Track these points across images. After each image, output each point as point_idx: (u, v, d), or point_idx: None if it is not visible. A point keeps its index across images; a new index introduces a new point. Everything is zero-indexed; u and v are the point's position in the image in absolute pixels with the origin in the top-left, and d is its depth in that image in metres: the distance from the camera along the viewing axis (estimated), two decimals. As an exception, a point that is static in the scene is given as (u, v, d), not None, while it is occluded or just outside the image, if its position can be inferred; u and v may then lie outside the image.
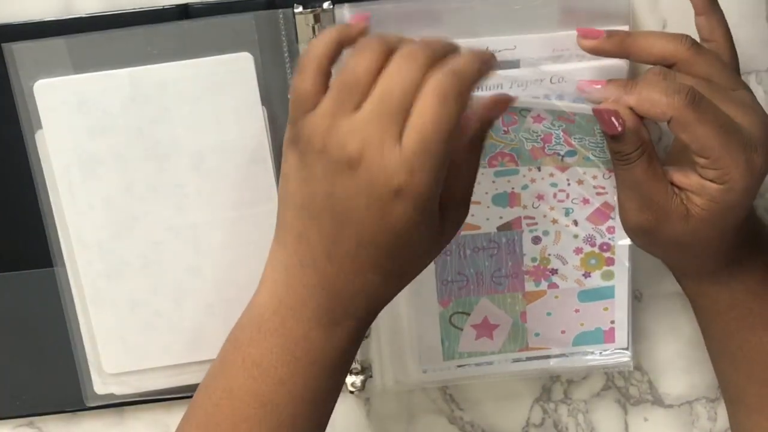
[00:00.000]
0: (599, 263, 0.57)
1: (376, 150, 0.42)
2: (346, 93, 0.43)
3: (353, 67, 0.43)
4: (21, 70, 0.55)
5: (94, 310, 0.60)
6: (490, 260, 0.56)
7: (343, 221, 0.44)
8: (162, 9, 0.56)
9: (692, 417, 0.66)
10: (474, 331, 0.58)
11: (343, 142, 0.42)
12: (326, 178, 0.43)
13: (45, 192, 0.58)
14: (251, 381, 0.46)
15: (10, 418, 0.64)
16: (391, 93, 0.42)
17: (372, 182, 0.42)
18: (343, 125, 0.42)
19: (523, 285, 0.57)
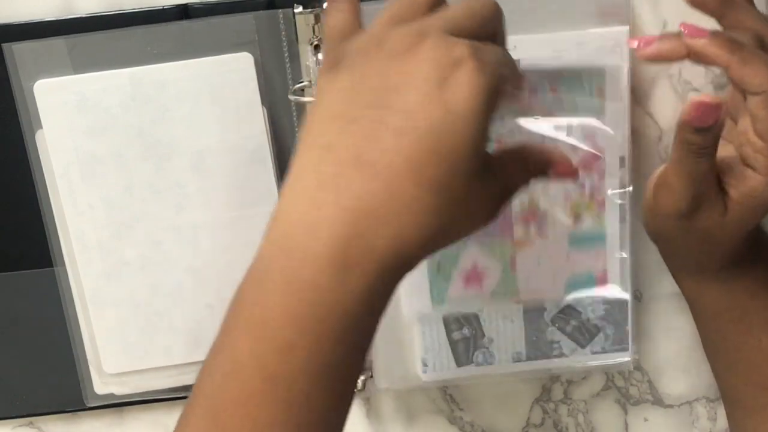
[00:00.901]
0: (590, 209, 0.56)
1: (438, 32, 0.39)
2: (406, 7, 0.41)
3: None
4: (21, 70, 0.56)
5: (94, 310, 0.60)
6: None
7: (389, 111, 0.38)
8: (162, 9, 0.56)
9: (692, 417, 0.66)
10: (462, 278, 0.56)
11: (400, 33, 0.39)
12: (379, 69, 0.39)
13: (45, 192, 0.58)
14: (256, 348, 0.38)
15: (10, 418, 0.64)
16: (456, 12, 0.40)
17: (433, 53, 0.38)
18: (402, 28, 0.40)
19: (512, 231, 0.55)
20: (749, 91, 0.46)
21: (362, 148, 0.38)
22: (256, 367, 0.38)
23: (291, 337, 0.38)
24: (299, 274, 0.38)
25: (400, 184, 0.37)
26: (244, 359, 0.39)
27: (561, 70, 0.52)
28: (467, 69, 0.38)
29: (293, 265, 0.38)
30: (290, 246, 0.38)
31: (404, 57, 0.38)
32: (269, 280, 0.39)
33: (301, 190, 0.39)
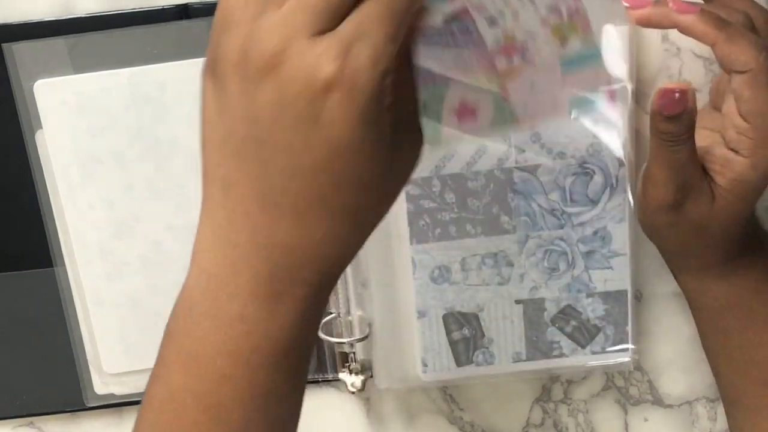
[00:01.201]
0: (574, 30, 0.50)
1: (301, 39, 0.34)
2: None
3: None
4: (21, 70, 0.56)
5: (94, 310, 0.60)
6: (448, 50, 0.47)
7: (270, 148, 0.35)
8: (162, 9, 0.56)
9: (692, 417, 0.66)
10: (454, 116, 0.49)
11: (262, 43, 0.34)
12: (245, 95, 0.35)
13: (45, 192, 0.58)
14: (191, 379, 0.38)
15: (10, 418, 0.64)
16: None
17: (296, 78, 0.34)
18: (263, 25, 0.34)
19: (494, 63, 0.49)
20: (734, 70, 0.46)
21: (260, 189, 0.36)
22: (192, 398, 0.38)
23: (224, 368, 0.38)
24: (226, 309, 0.37)
25: (309, 220, 0.36)
26: (179, 390, 0.38)
27: None
28: (337, 100, 0.34)
29: (220, 300, 0.38)
30: (214, 283, 0.38)
31: (267, 82, 0.34)
32: (198, 313, 0.38)
33: (215, 228, 0.38)
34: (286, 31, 0.34)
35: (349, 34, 0.34)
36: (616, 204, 0.59)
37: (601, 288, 0.61)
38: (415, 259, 0.59)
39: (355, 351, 0.62)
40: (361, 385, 0.62)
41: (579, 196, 0.59)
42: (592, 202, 0.59)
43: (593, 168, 0.58)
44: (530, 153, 0.58)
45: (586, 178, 0.58)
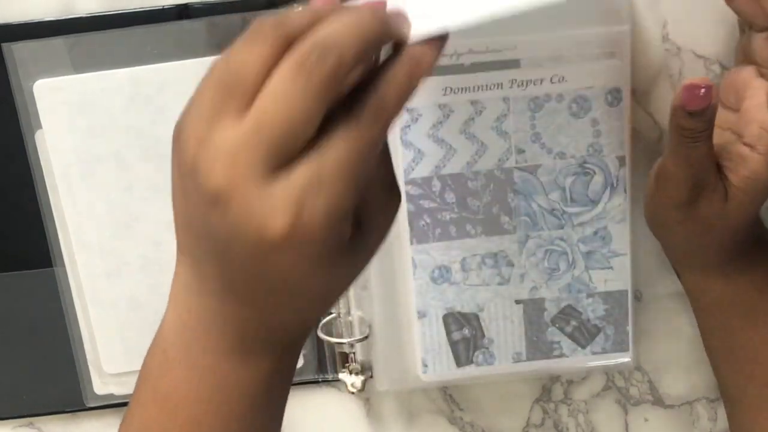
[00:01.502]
0: None
1: (250, 181, 0.33)
2: (226, 93, 0.33)
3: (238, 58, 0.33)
4: (21, 70, 0.56)
5: (94, 310, 0.60)
6: None
7: (226, 258, 0.36)
8: (162, 9, 0.56)
9: (692, 417, 0.66)
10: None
11: (210, 167, 0.33)
12: (199, 205, 0.35)
13: (45, 192, 0.58)
14: (165, 419, 0.39)
15: (10, 418, 0.64)
16: (275, 112, 0.32)
17: (242, 230, 0.33)
18: (215, 141, 0.33)
19: None
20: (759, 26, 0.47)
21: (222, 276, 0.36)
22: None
23: (197, 415, 0.38)
24: (200, 359, 0.38)
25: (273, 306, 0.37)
26: (154, 429, 0.39)
27: None
28: (287, 254, 0.33)
29: (193, 350, 0.38)
30: (188, 333, 0.38)
31: (215, 213, 0.34)
32: (172, 357, 0.39)
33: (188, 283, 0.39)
34: (234, 169, 0.33)
35: (304, 183, 0.32)
36: (616, 204, 0.59)
37: (602, 288, 0.61)
38: (415, 260, 0.59)
39: (355, 351, 0.62)
40: (361, 386, 0.62)
41: (579, 196, 0.59)
42: (592, 202, 0.59)
43: (593, 168, 0.58)
44: (530, 153, 0.58)
45: (586, 178, 0.58)
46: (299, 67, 0.32)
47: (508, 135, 0.57)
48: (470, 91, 0.56)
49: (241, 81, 0.33)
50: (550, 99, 0.56)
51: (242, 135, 0.33)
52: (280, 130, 0.32)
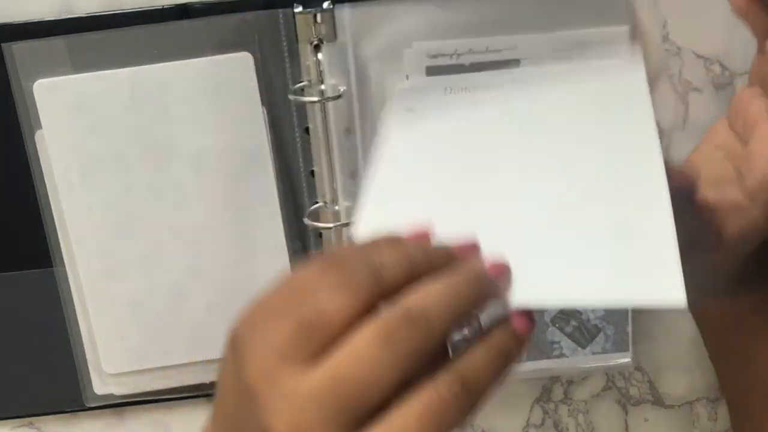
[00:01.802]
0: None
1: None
2: (306, 334, 0.32)
3: (326, 300, 0.32)
4: (21, 70, 0.55)
5: (94, 310, 0.60)
6: None
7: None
8: (162, 9, 0.56)
9: (692, 417, 0.66)
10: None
11: (275, 407, 0.32)
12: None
13: (45, 192, 0.58)
14: None
15: (10, 418, 0.64)
16: (353, 373, 0.31)
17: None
18: (285, 382, 0.32)
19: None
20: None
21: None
22: None
23: None
24: None
25: None
26: None
27: None
28: None
29: None
30: None
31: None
32: None
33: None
34: (301, 419, 0.31)
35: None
36: (617, 204, 0.59)
37: (601, 288, 0.61)
38: (415, 259, 0.59)
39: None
40: (361, 385, 0.62)
41: (579, 196, 0.59)
42: None
43: (593, 168, 0.58)
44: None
45: (586, 178, 0.58)
46: (387, 336, 0.32)
47: None
48: (470, 91, 0.56)
49: (325, 327, 0.32)
50: None
51: (316, 386, 0.31)
52: (355, 392, 0.31)
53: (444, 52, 0.56)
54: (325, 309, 0.32)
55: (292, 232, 0.59)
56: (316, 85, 0.56)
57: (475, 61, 0.56)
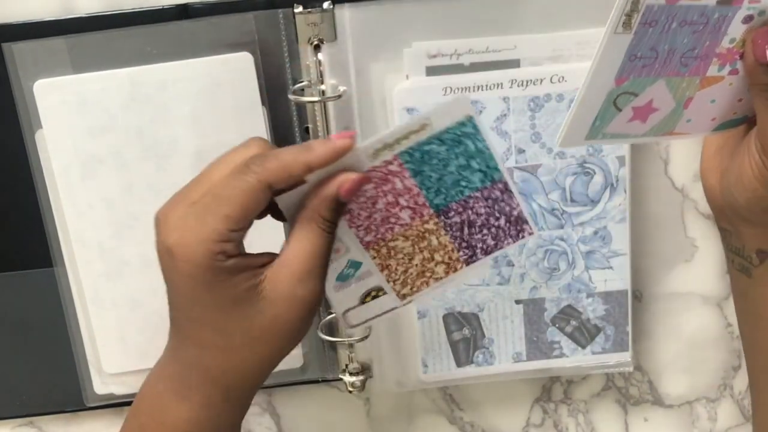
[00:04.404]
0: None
1: (169, 211, 0.45)
2: (193, 186, 0.46)
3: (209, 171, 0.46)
4: (21, 70, 0.56)
5: (94, 310, 0.60)
6: (690, 37, 0.48)
7: (168, 288, 0.46)
8: (162, 9, 0.56)
9: (692, 417, 0.66)
10: (632, 112, 0.50)
11: (166, 232, 0.45)
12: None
13: (45, 192, 0.58)
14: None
15: (10, 418, 0.64)
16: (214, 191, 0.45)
17: (157, 240, 0.45)
18: (172, 216, 0.45)
19: (707, 69, 0.50)
20: None
21: (172, 315, 0.48)
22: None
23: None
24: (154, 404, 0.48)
25: (192, 345, 0.47)
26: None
27: None
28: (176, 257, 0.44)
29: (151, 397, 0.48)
30: (151, 384, 0.48)
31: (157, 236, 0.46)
32: (136, 408, 0.49)
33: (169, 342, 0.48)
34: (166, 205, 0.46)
35: (187, 212, 0.44)
36: (616, 204, 0.59)
37: (601, 288, 0.61)
38: (415, 259, 0.59)
39: (355, 351, 0.62)
40: (361, 385, 0.62)
41: (579, 196, 0.59)
42: (592, 202, 0.59)
43: (593, 168, 0.58)
44: (530, 153, 0.58)
45: (586, 178, 0.58)
46: (240, 167, 0.45)
47: (508, 135, 0.57)
48: (470, 91, 0.56)
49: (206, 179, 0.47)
50: (550, 99, 0.56)
51: (193, 205, 0.45)
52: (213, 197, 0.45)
53: (444, 52, 0.56)
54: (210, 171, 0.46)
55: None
56: (316, 85, 0.56)
57: (475, 61, 0.56)
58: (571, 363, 0.62)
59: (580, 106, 0.48)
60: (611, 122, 0.50)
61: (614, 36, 0.44)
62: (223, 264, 0.44)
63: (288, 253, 0.45)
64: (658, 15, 0.46)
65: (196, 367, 0.46)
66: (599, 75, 0.47)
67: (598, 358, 0.62)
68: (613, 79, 0.47)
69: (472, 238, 0.50)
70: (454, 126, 0.46)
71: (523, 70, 0.56)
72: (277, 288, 0.45)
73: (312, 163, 0.44)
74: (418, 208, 0.49)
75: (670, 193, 0.61)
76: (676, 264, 0.63)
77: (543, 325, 0.62)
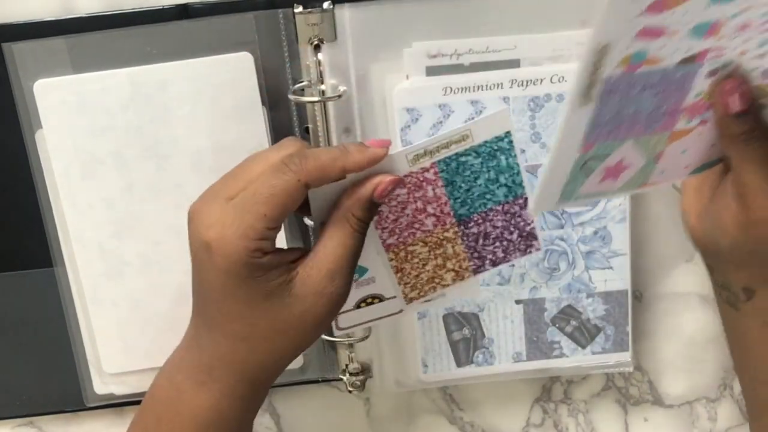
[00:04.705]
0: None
1: (204, 206, 0.46)
2: (229, 180, 0.47)
3: (245, 167, 0.47)
4: (21, 70, 0.56)
5: (94, 310, 0.60)
6: (655, 98, 0.48)
7: (194, 280, 0.47)
8: (162, 9, 0.56)
9: (692, 417, 0.66)
10: (603, 173, 0.51)
11: (204, 228, 0.46)
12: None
13: (45, 192, 0.58)
14: (140, 426, 0.51)
15: (10, 418, 0.64)
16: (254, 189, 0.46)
17: (192, 234, 0.46)
18: (211, 210, 0.46)
19: (675, 124, 0.49)
20: None
21: (197, 305, 0.48)
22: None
23: (151, 427, 0.50)
24: (170, 391, 0.49)
25: (215, 334, 0.48)
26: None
27: None
28: (213, 253, 0.46)
29: (172, 382, 0.50)
30: (167, 372, 0.50)
31: (189, 227, 0.47)
32: (154, 394, 0.50)
33: (188, 329, 0.50)
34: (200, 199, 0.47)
35: (227, 209, 0.45)
36: (616, 204, 0.59)
37: (601, 288, 0.61)
38: (415, 259, 0.59)
39: (355, 351, 0.62)
40: (361, 385, 0.62)
41: (579, 196, 0.59)
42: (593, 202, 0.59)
43: (593, 168, 0.58)
44: (530, 153, 0.58)
45: (586, 178, 0.58)
46: (277, 166, 0.46)
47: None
48: (470, 91, 0.56)
49: (236, 174, 0.48)
50: (550, 99, 0.56)
51: (234, 202, 0.46)
52: (253, 195, 0.46)
53: (444, 52, 0.56)
54: (248, 165, 0.47)
55: (293, 231, 0.59)
56: (316, 85, 0.56)
57: (475, 61, 0.56)
58: (571, 363, 0.62)
59: (548, 174, 0.48)
60: (583, 185, 0.50)
61: (576, 109, 0.44)
62: (259, 260, 0.45)
63: (320, 251, 0.47)
64: (618, 84, 0.45)
65: (222, 358, 0.47)
66: (565, 145, 0.47)
67: (598, 358, 0.62)
68: (579, 147, 0.47)
69: (484, 249, 0.51)
70: (492, 140, 0.47)
71: (523, 70, 0.56)
72: (307, 284, 0.46)
73: (348, 168, 0.46)
74: (443, 216, 0.50)
75: (670, 193, 0.61)
76: (676, 264, 0.63)
77: (543, 325, 0.62)
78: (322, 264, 0.47)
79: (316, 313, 0.47)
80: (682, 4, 0.43)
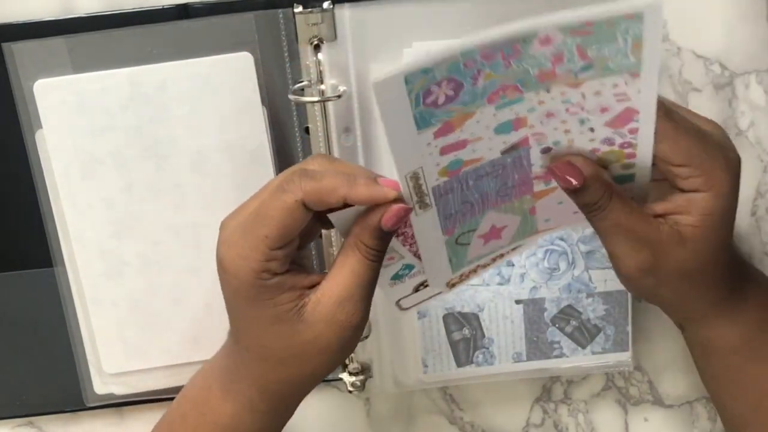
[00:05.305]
0: (619, 157, 0.49)
1: (228, 221, 0.47)
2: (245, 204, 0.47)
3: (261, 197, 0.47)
4: (21, 70, 0.56)
5: (94, 310, 0.60)
6: (495, 180, 0.49)
7: (224, 296, 0.48)
8: (162, 9, 0.56)
9: (692, 417, 0.66)
10: (482, 240, 0.52)
11: (222, 232, 0.47)
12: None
13: (45, 192, 0.58)
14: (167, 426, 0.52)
15: (10, 418, 0.64)
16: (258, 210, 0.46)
17: (216, 247, 0.46)
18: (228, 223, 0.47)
19: (532, 188, 0.51)
20: None
21: (230, 319, 0.49)
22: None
23: (177, 428, 0.51)
24: (201, 393, 0.51)
25: (241, 349, 0.48)
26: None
27: (591, 21, 0.43)
28: (225, 270, 0.47)
29: (199, 387, 0.51)
30: (203, 374, 0.51)
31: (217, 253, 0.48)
32: (185, 395, 0.51)
33: (225, 342, 0.51)
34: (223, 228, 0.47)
35: (233, 227, 0.46)
36: (616, 204, 0.59)
37: (601, 288, 0.61)
38: (415, 259, 0.59)
39: (355, 351, 0.62)
40: (361, 385, 0.62)
41: (579, 196, 0.59)
42: None
43: (593, 168, 0.58)
44: (530, 153, 0.58)
45: (586, 178, 0.58)
46: (282, 184, 0.45)
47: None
48: None
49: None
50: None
51: (241, 220, 0.46)
52: (258, 217, 0.46)
53: None
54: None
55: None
56: (316, 85, 0.56)
57: (475, 61, 0.56)
58: (571, 363, 0.62)
59: (428, 261, 0.50)
60: (468, 253, 0.52)
61: (420, 217, 0.46)
62: (267, 282, 0.45)
63: (331, 278, 0.46)
64: (449, 186, 0.47)
65: (245, 368, 0.48)
66: (427, 239, 0.49)
67: (598, 358, 0.62)
68: (441, 235, 0.49)
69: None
70: None
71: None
72: (317, 311, 0.46)
73: (350, 199, 0.44)
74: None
75: (670, 193, 0.61)
76: (676, 264, 0.63)
77: (543, 325, 0.62)
78: (332, 291, 0.46)
79: (329, 339, 0.46)
80: (467, 121, 0.44)
